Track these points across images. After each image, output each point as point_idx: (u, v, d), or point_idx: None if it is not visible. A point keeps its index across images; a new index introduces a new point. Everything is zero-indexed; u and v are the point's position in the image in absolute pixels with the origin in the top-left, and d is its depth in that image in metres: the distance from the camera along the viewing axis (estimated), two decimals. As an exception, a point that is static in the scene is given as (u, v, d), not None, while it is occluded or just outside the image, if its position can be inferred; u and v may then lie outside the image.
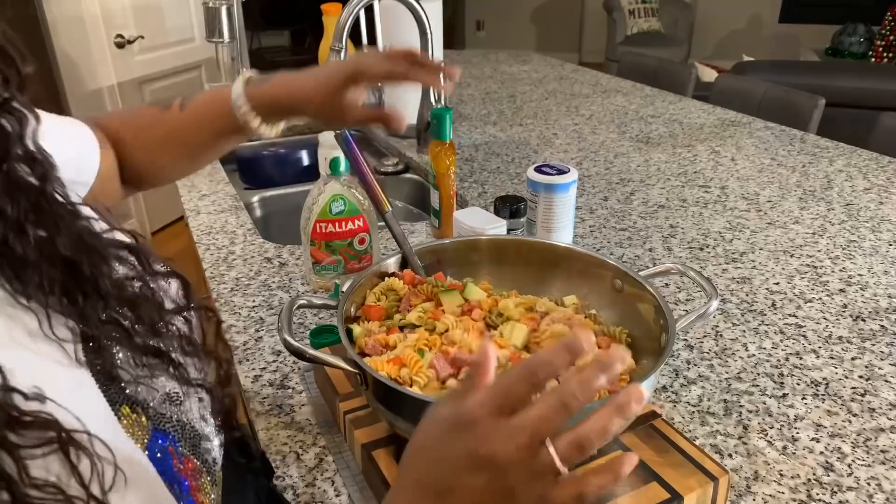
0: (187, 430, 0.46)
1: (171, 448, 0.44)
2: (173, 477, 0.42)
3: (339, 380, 0.76)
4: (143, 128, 0.77)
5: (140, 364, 0.45)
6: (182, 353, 0.48)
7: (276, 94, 0.73)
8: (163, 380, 0.46)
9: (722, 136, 1.79)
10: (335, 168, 0.98)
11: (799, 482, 0.69)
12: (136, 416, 0.42)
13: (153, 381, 0.45)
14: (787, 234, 1.24)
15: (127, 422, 0.41)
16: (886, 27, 5.01)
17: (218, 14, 1.91)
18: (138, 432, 0.42)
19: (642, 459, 0.65)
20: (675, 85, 2.41)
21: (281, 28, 6.37)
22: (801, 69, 3.89)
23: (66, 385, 0.39)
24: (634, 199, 1.39)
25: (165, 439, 0.44)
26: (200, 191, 1.46)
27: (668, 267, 0.80)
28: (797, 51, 5.67)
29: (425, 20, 1.47)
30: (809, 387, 0.84)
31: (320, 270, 1.03)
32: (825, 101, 2.00)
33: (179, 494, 0.43)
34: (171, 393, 0.46)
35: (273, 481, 0.69)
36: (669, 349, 0.64)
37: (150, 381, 0.45)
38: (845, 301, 1.02)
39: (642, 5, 5.93)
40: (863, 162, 1.58)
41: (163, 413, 0.45)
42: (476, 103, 2.13)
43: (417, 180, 1.65)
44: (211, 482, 0.47)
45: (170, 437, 0.44)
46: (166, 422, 0.45)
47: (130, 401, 0.43)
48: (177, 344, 0.48)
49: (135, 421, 0.42)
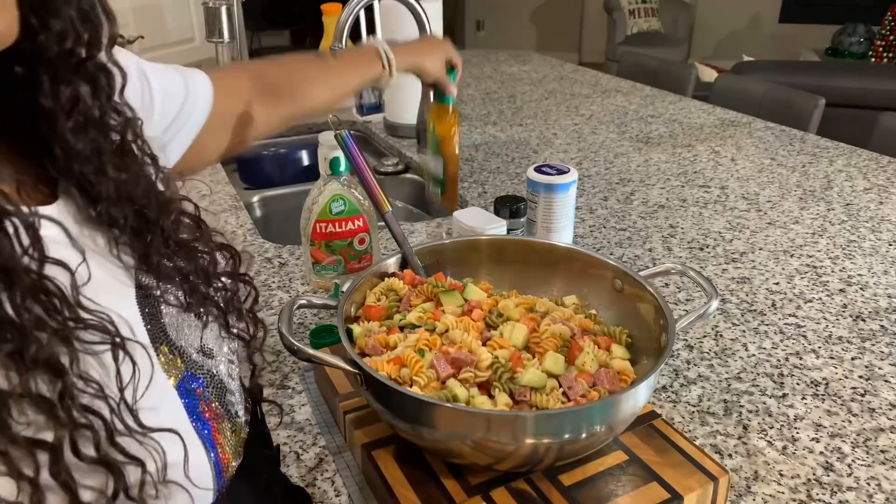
0: (216, 381, 0.49)
1: (200, 391, 0.47)
2: (198, 416, 0.45)
3: (339, 380, 0.76)
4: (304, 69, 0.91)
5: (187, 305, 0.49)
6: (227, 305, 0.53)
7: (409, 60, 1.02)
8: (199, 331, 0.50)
9: (722, 136, 1.79)
10: (335, 168, 0.98)
11: (799, 482, 0.69)
12: (172, 357, 0.46)
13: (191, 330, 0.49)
14: (787, 234, 1.24)
15: (164, 359, 0.45)
16: (886, 27, 5.01)
17: (218, 14, 1.91)
18: (172, 370, 0.45)
19: (642, 459, 0.65)
20: (675, 85, 2.41)
21: (281, 28, 6.37)
22: (801, 69, 3.89)
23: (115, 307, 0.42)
24: (634, 199, 1.39)
25: (196, 382, 0.47)
26: (200, 191, 1.46)
27: (668, 267, 0.80)
28: (797, 51, 5.67)
29: (425, 20, 1.47)
30: (809, 387, 0.84)
31: (320, 270, 1.03)
32: (825, 101, 2.00)
33: (201, 433, 0.45)
34: (204, 347, 0.50)
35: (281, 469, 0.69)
36: (669, 349, 0.64)
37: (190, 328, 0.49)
38: (845, 301, 1.02)
39: (642, 5, 5.93)
40: (863, 162, 1.58)
41: (196, 361, 0.48)
42: (476, 103, 2.13)
43: (417, 180, 1.64)
44: (231, 429, 0.49)
45: (200, 381, 0.47)
46: (198, 369, 0.48)
47: (170, 343, 0.46)
48: (223, 296, 0.53)
49: (170, 361, 0.45)
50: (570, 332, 0.71)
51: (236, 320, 0.54)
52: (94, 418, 0.36)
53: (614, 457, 0.65)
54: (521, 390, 0.64)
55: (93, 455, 0.36)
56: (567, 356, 0.69)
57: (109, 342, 0.39)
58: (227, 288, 0.53)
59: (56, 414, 0.35)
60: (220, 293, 0.53)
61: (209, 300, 0.51)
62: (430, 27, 1.49)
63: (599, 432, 0.61)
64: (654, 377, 0.63)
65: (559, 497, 0.61)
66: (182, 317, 0.49)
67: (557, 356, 0.67)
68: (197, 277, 0.50)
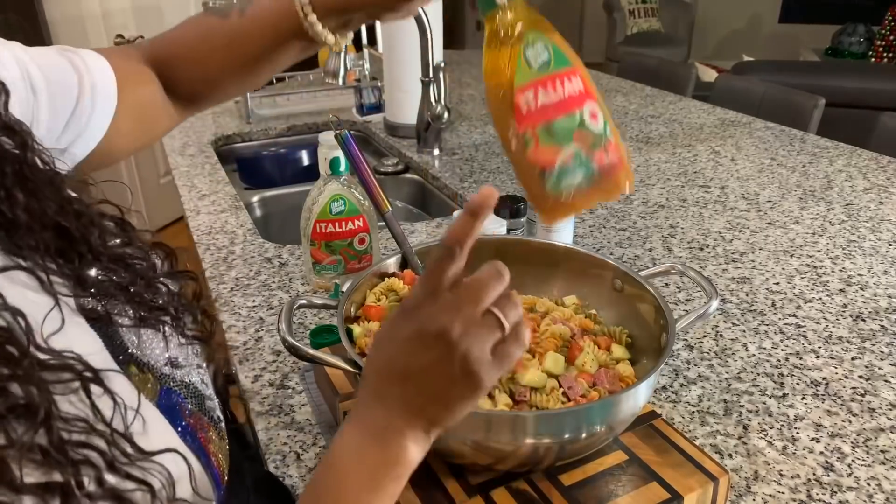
0: (192, 390, 0.48)
1: (180, 404, 0.45)
2: (185, 429, 0.44)
3: (339, 380, 0.76)
4: (199, 39, 0.70)
5: (140, 319, 0.46)
6: (175, 308, 0.50)
7: None
8: (162, 344, 0.48)
9: (722, 136, 1.79)
10: (335, 168, 0.98)
11: (799, 482, 0.69)
12: (143, 375, 0.43)
13: (154, 344, 0.47)
14: (787, 234, 1.24)
15: (136, 380, 0.42)
16: (886, 27, 5.00)
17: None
18: (147, 389, 0.43)
19: (642, 459, 0.65)
20: (675, 85, 2.41)
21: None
22: (801, 69, 3.89)
23: (73, 338, 0.40)
24: (634, 199, 1.39)
25: (174, 396, 0.45)
26: (200, 191, 1.46)
27: (668, 267, 0.80)
28: (797, 51, 5.67)
29: (425, 20, 1.47)
30: (809, 387, 0.84)
31: (320, 270, 1.03)
32: (825, 101, 2.00)
33: (193, 445, 0.44)
34: (171, 358, 0.48)
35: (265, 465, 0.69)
36: (669, 349, 0.64)
37: (151, 343, 0.46)
38: (845, 301, 1.02)
39: (642, 5, 5.92)
40: (863, 162, 1.58)
41: (167, 374, 0.46)
42: (476, 103, 2.13)
43: (417, 180, 1.65)
44: (218, 436, 0.49)
45: (178, 395, 0.46)
46: (172, 381, 0.46)
47: (137, 362, 0.44)
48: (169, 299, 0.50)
49: (143, 380, 0.43)
50: (570, 332, 0.71)
51: (192, 322, 0.51)
52: (91, 453, 0.36)
53: (614, 457, 0.65)
54: (522, 390, 0.64)
55: (100, 490, 0.36)
56: (567, 356, 0.69)
57: (78, 378, 0.37)
58: (171, 290, 0.51)
59: (53, 458, 0.34)
60: (166, 298, 0.50)
61: (159, 309, 0.49)
62: (430, 27, 1.49)
63: (599, 432, 0.61)
64: (654, 377, 0.63)
65: (559, 497, 0.61)
66: (139, 332, 0.46)
67: (557, 356, 0.67)
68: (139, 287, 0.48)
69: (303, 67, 0.72)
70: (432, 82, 1.58)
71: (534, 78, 0.53)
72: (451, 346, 0.41)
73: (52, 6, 2.67)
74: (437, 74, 1.59)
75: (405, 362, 0.43)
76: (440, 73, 1.59)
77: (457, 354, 0.41)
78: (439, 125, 1.64)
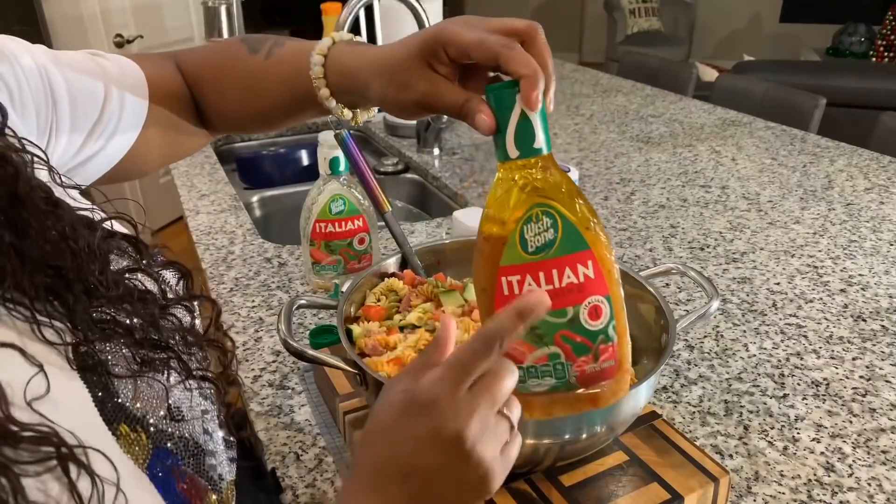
0: (190, 447, 0.44)
1: (174, 468, 0.41)
2: (177, 498, 0.40)
3: (339, 380, 0.76)
4: (223, 67, 0.66)
5: (141, 363, 0.42)
6: (184, 344, 0.46)
7: (349, 64, 0.56)
8: (163, 391, 0.43)
9: (722, 135, 1.79)
10: (335, 168, 0.98)
11: (800, 483, 0.69)
12: (135, 435, 0.39)
13: (153, 391, 0.42)
14: (787, 234, 1.24)
15: (125, 441, 0.39)
16: (887, 27, 5.00)
17: (217, 13, 1.91)
18: (138, 451, 0.39)
19: (643, 460, 0.65)
20: (676, 85, 2.41)
21: (281, 27, 6.36)
22: (802, 69, 3.89)
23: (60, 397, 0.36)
24: (635, 199, 1.39)
25: (168, 457, 0.41)
26: (200, 191, 1.46)
27: (668, 267, 0.80)
28: (798, 51, 5.67)
29: (425, 20, 1.47)
30: (810, 387, 0.84)
31: (320, 270, 1.03)
32: (826, 101, 2.00)
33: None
34: (173, 407, 0.43)
35: (281, 498, 0.68)
36: (670, 349, 0.64)
37: (150, 390, 0.42)
38: (846, 301, 1.02)
39: (642, 5, 5.92)
40: (863, 162, 1.58)
41: (164, 430, 0.42)
42: (476, 103, 2.12)
43: (417, 180, 1.64)
44: (218, 500, 0.45)
45: (172, 456, 0.42)
46: (167, 439, 0.42)
47: (129, 418, 0.40)
48: (178, 336, 0.46)
49: (134, 440, 0.39)
50: None
51: (203, 359, 0.47)
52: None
53: (615, 457, 0.65)
54: None
55: None
56: None
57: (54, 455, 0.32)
58: (180, 324, 0.46)
59: None
60: (174, 335, 0.45)
61: (164, 349, 0.44)
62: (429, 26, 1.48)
63: (600, 433, 0.60)
64: (655, 378, 0.63)
65: (559, 497, 0.61)
66: (138, 380, 0.42)
67: None
68: (143, 325, 0.43)
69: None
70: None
71: (525, 262, 0.46)
72: (467, 451, 0.40)
73: (52, 6, 2.67)
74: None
75: (412, 461, 0.41)
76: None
77: (472, 459, 0.40)
78: (439, 125, 1.64)
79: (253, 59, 0.64)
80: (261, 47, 0.64)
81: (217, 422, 0.48)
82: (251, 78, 0.65)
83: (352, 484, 0.43)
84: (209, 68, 0.67)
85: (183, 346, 0.46)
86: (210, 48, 0.68)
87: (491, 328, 0.40)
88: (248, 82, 0.65)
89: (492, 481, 0.41)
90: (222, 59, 0.67)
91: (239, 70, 0.65)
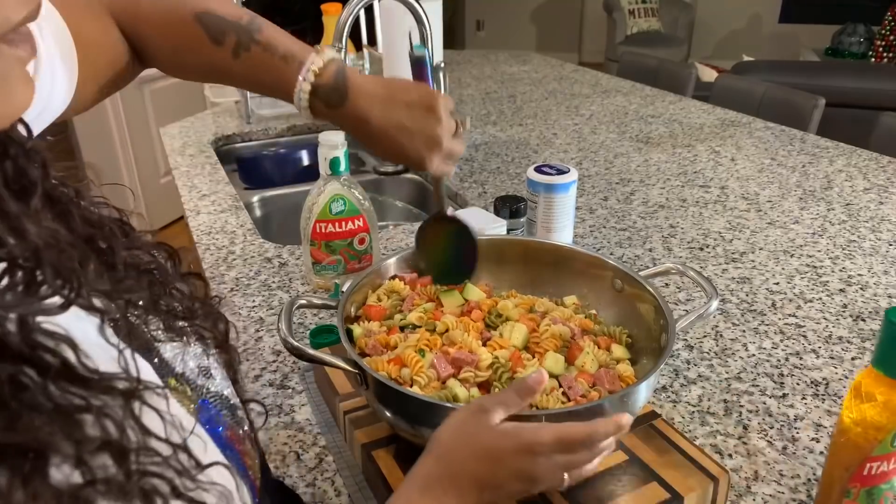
0: (223, 400, 0.47)
1: (217, 417, 0.45)
2: (224, 443, 0.43)
3: (339, 380, 0.76)
4: (180, 50, 0.67)
5: (172, 329, 0.45)
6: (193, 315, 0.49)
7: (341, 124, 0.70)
8: (191, 353, 0.47)
9: (722, 136, 1.79)
10: (335, 168, 0.98)
11: (799, 482, 0.69)
12: (182, 388, 0.43)
13: (187, 351, 0.46)
14: (787, 234, 1.24)
15: (176, 393, 0.42)
16: (886, 27, 5.00)
17: (218, 14, 1.90)
18: (187, 402, 0.42)
19: (642, 459, 0.65)
20: (675, 85, 2.41)
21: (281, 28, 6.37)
22: (801, 69, 3.89)
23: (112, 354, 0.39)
24: (634, 199, 1.39)
25: (212, 408, 0.45)
26: (200, 191, 1.46)
27: (668, 267, 0.80)
28: (797, 51, 5.67)
29: (425, 20, 1.47)
30: (809, 387, 0.84)
31: (320, 270, 1.03)
32: (825, 101, 2.00)
33: (232, 458, 0.43)
34: (201, 366, 0.47)
35: None
36: (669, 349, 0.64)
37: (183, 353, 0.46)
38: (845, 301, 1.02)
39: (642, 5, 5.93)
40: (863, 162, 1.58)
41: (202, 385, 0.46)
42: (476, 103, 2.13)
43: (417, 180, 1.65)
44: (252, 446, 0.48)
45: (214, 407, 0.45)
46: (207, 393, 0.45)
47: (175, 374, 0.43)
48: (187, 305, 0.48)
49: (182, 392, 0.42)
50: (571, 333, 0.71)
51: (211, 326, 0.50)
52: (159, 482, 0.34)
53: (614, 457, 0.65)
54: None
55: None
56: (567, 356, 0.69)
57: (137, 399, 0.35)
58: (186, 294, 0.49)
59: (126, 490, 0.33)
60: (184, 304, 0.48)
61: (183, 317, 0.47)
62: (430, 27, 1.49)
63: (599, 432, 0.60)
64: (655, 377, 0.63)
65: (559, 497, 0.61)
66: (170, 343, 0.45)
67: (557, 356, 0.67)
68: (160, 290, 0.46)
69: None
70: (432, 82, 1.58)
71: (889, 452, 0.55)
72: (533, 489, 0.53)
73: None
74: (437, 74, 1.59)
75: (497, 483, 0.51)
76: (440, 73, 1.59)
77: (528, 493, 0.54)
78: (439, 125, 1.64)
79: (217, 53, 0.66)
80: (224, 39, 0.66)
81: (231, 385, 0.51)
82: (214, 69, 0.67)
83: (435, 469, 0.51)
84: (166, 45, 0.67)
85: (192, 315, 0.49)
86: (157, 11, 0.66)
87: (599, 430, 0.53)
88: (210, 71, 0.68)
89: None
90: (179, 39, 0.67)
91: (201, 59, 0.67)
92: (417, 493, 0.51)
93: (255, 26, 0.67)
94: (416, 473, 0.52)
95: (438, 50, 1.64)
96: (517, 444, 0.51)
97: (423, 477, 0.51)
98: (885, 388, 0.53)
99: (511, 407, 0.53)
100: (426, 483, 0.51)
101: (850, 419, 0.55)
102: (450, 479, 0.51)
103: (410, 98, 0.68)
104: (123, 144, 3.10)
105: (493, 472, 0.51)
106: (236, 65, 0.67)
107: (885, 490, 0.57)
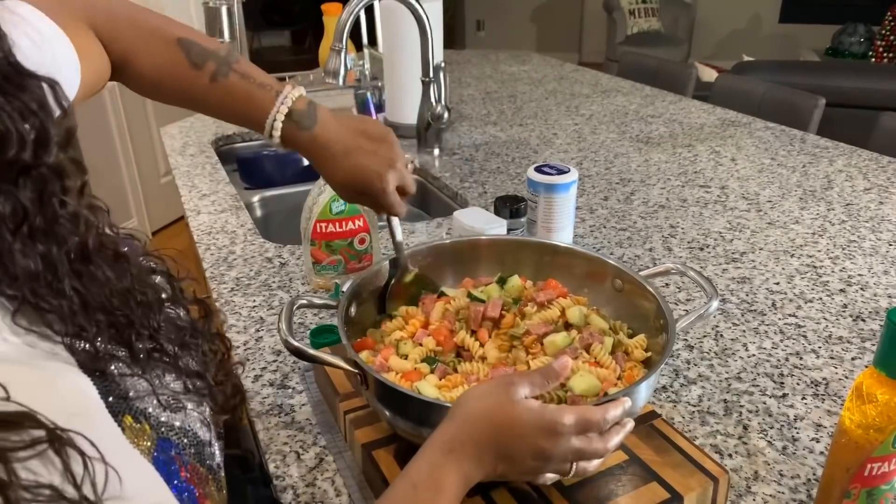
0: (190, 437, 0.46)
1: (177, 456, 0.44)
2: (181, 485, 0.42)
3: (339, 380, 0.76)
4: (161, 66, 0.71)
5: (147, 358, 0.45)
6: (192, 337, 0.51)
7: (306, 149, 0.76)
8: (166, 379, 0.46)
9: (722, 136, 1.79)
10: (335, 168, 0.98)
11: (799, 482, 0.69)
12: (139, 426, 0.42)
13: (155, 383, 0.45)
14: (787, 234, 1.24)
15: (130, 432, 0.40)
16: (886, 27, 5.00)
17: (218, 14, 1.90)
18: (143, 442, 0.41)
19: (642, 459, 0.65)
20: (675, 85, 2.41)
21: (281, 28, 6.36)
22: (801, 69, 3.89)
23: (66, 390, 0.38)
24: (634, 199, 1.39)
25: (171, 447, 0.43)
26: (201, 191, 1.46)
27: (668, 267, 0.80)
28: (797, 51, 5.67)
29: (425, 20, 1.47)
30: (809, 387, 0.84)
31: (320, 270, 1.03)
32: (825, 101, 2.00)
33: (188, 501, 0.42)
34: (170, 400, 0.46)
35: (273, 492, 0.68)
36: (669, 349, 0.64)
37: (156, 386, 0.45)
38: (845, 301, 1.02)
39: (642, 5, 5.92)
40: (863, 162, 1.58)
41: (165, 422, 0.45)
42: (476, 103, 2.13)
43: (417, 180, 1.64)
44: (217, 488, 0.47)
45: (174, 445, 0.44)
46: (169, 430, 0.44)
47: (133, 411, 0.42)
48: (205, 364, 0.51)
49: (138, 431, 0.41)
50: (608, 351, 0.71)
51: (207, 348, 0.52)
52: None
53: (614, 457, 0.65)
54: (575, 398, 0.63)
55: None
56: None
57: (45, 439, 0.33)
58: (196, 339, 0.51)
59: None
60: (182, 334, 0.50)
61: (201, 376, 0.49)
62: (430, 27, 1.49)
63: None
64: (655, 377, 0.63)
65: (559, 497, 0.61)
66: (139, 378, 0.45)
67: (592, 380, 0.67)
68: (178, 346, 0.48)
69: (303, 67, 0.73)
70: (432, 82, 1.58)
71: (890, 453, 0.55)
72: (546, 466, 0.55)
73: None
74: (438, 74, 1.59)
75: (516, 455, 0.53)
76: (440, 72, 1.59)
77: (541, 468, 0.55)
78: (439, 125, 1.64)
79: (195, 77, 0.71)
80: (203, 63, 0.70)
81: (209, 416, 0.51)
82: (189, 92, 0.72)
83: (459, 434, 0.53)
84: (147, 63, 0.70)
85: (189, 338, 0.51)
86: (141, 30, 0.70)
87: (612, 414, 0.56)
88: (185, 95, 0.73)
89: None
90: (160, 58, 0.71)
91: (178, 81, 0.71)
92: (441, 454, 0.52)
93: (233, 57, 0.73)
94: (438, 436, 0.54)
95: (438, 50, 1.64)
96: (541, 420, 0.53)
97: (447, 440, 0.53)
98: (886, 388, 0.53)
99: (537, 388, 0.56)
100: (450, 446, 0.53)
101: (850, 420, 0.56)
102: (473, 444, 0.52)
103: (367, 128, 0.76)
104: (123, 144, 3.09)
105: (514, 445, 0.53)
106: (212, 89, 0.71)
107: (886, 491, 0.57)
